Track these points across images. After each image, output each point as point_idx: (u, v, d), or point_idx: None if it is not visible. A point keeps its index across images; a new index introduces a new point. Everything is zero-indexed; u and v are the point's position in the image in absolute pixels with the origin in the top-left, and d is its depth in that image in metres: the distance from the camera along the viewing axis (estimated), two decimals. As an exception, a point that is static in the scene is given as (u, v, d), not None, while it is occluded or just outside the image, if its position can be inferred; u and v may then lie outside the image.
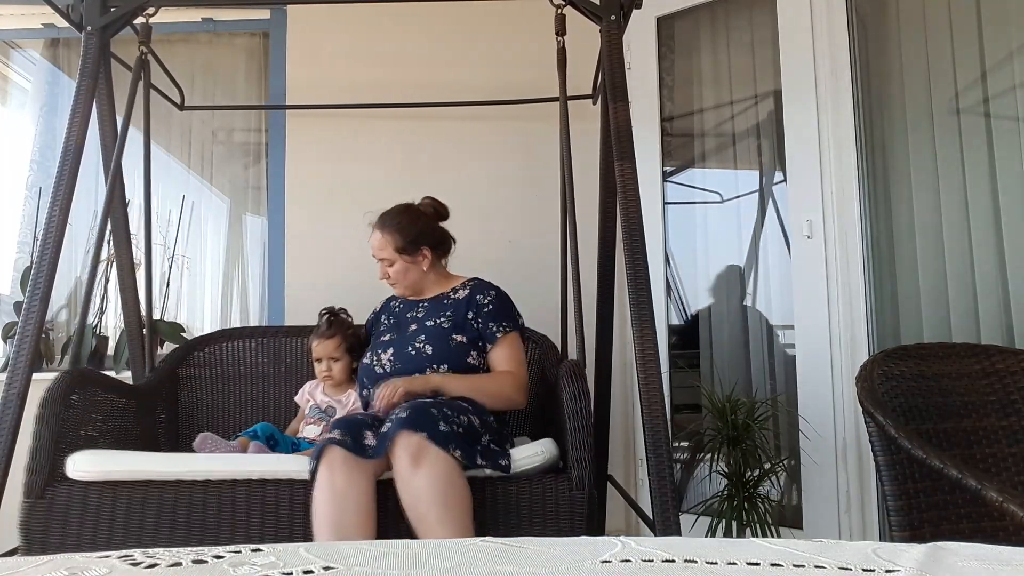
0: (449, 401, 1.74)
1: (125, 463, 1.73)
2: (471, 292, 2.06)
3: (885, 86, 2.45)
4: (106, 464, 1.72)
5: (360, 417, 1.69)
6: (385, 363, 1.98)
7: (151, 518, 1.66)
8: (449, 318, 2.01)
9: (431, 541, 0.67)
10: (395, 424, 1.54)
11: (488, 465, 1.67)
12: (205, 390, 2.48)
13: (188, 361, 2.50)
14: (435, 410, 1.61)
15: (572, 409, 1.71)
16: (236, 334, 2.58)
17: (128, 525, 1.66)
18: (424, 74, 3.01)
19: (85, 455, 1.73)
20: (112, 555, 0.60)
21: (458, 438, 1.60)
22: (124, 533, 1.65)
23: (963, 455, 1.56)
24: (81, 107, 1.94)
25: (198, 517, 1.65)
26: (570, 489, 1.71)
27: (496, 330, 1.98)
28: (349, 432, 1.59)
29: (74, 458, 1.71)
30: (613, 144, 1.86)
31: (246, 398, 2.48)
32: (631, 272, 1.73)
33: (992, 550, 0.65)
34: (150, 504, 1.67)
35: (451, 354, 1.94)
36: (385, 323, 2.15)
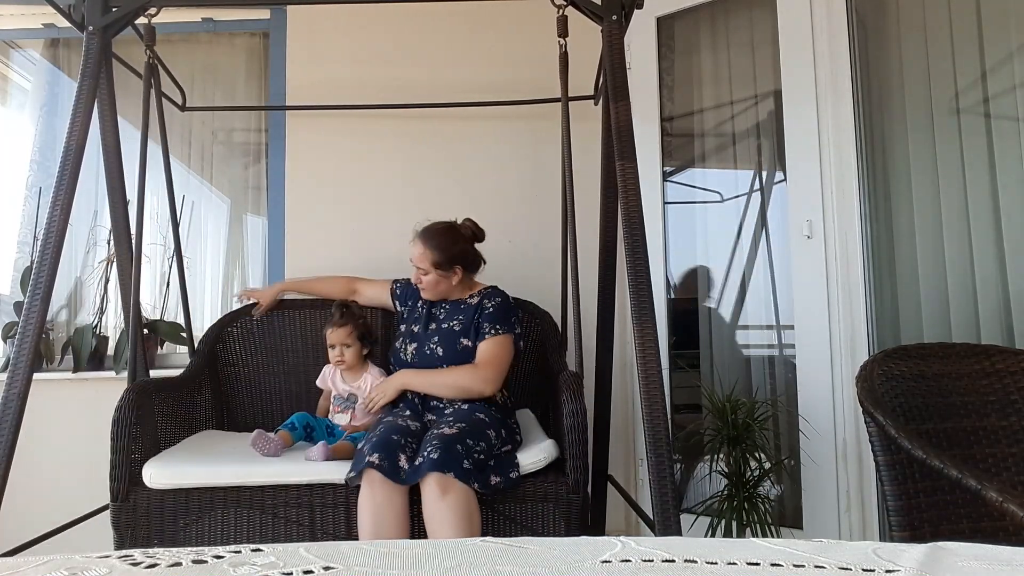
0: (472, 426, 1.95)
1: (191, 475, 1.95)
2: (481, 298, 2.28)
3: (885, 86, 2.45)
4: (175, 478, 1.94)
5: (394, 439, 1.90)
6: (409, 354, 2.27)
7: (218, 517, 1.93)
8: (460, 322, 2.24)
9: (431, 541, 0.67)
10: (428, 464, 1.80)
11: (502, 482, 1.90)
12: (240, 364, 2.67)
13: (222, 338, 2.66)
14: (460, 447, 1.84)
15: (571, 424, 1.91)
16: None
17: (200, 523, 1.94)
18: (425, 74, 3.01)
19: (157, 467, 1.95)
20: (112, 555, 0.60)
21: (478, 471, 1.85)
22: (197, 530, 1.93)
23: (963, 455, 1.56)
24: (82, 107, 1.94)
25: (256, 516, 1.94)
26: (568, 492, 1.93)
27: (488, 330, 2.19)
28: (386, 457, 1.84)
29: (148, 470, 1.93)
30: (614, 144, 1.86)
31: (279, 368, 2.67)
32: (631, 272, 1.73)
33: (992, 550, 0.65)
34: (216, 505, 1.94)
35: (457, 357, 2.19)
36: (420, 309, 2.36)
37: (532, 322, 2.61)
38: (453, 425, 1.94)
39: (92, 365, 2.91)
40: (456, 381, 2.15)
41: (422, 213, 2.74)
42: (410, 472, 1.84)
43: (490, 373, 2.14)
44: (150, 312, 3.04)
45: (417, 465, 1.83)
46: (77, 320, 3.11)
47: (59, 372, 2.91)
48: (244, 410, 2.63)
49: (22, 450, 1.74)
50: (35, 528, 2.00)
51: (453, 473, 1.78)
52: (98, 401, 2.82)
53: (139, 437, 1.99)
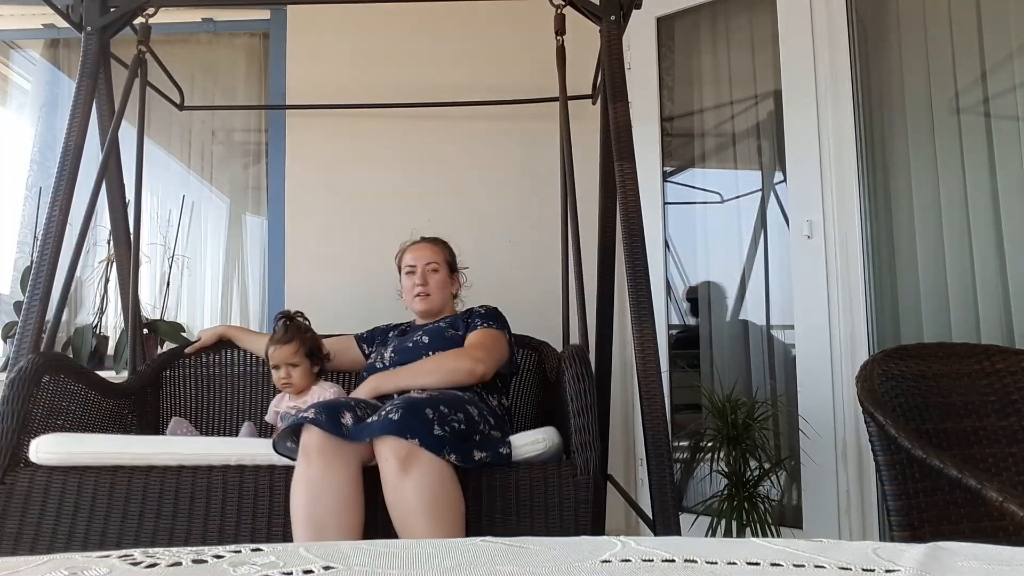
0: (448, 397, 1.62)
1: (94, 446, 1.64)
2: (469, 309, 2.17)
3: (885, 86, 2.45)
4: (73, 446, 1.62)
5: (340, 402, 1.57)
6: (387, 358, 2.03)
7: (117, 506, 1.56)
8: (449, 324, 2.10)
9: (431, 541, 0.67)
10: (384, 424, 1.43)
11: (488, 456, 1.57)
12: (188, 396, 2.39)
13: (174, 365, 2.42)
14: (430, 410, 1.49)
15: (574, 391, 1.60)
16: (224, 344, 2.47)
17: (92, 513, 1.56)
18: (424, 74, 3.01)
19: (50, 437, 1.63)
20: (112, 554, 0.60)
21: (454, 440, 1.49)
22: (87, 522, 1.56)
23: (963, 455, 1.57)
24: (81, 107, 1.95)
25: (168, 505, 1.56)
26: (574, 475, 1.59)
27: (480, 323, 2.03)
28: (325, 411, 1.47)
29: (38, 441, 1.61)
30: (613, 144, 1.86)
31: (230, 404, 2.40)
32: (631, 272, 1.73)
33: (992, 550, 0.65)
34: (117, 491, 1.57)
35: (446, 343, 1.98)
36: (392, 336, 2.21)
37: (530, 355, 2.44)
38: (423, 393, 1.63)
39: (92, 365, 2.91)
40: (442, 364, 1.84)
41: (422, 212, 2.75)
42: (355, 427, 1.47)
43: (481, 353, 1.87)
44: (150, 312, 3.04)
45: (370, 423, 1.45)
46: (77, 320, 3.11)
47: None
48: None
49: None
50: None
51: (418, 440, 1.41)
52: (98, 401, 2.82)
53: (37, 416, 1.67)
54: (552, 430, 1.75)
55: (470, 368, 1.81)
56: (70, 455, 1.61)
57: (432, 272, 2.15)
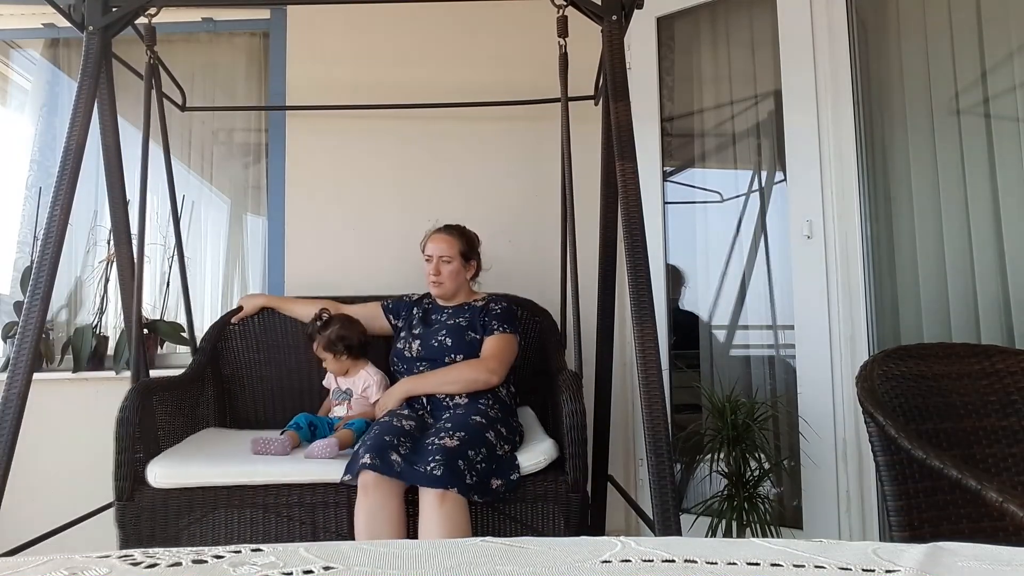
0: (471, 434, 1.94)
1: (194, 475, 1.96)
2: (487, 302, 2.39)
3: (885, 86, 2.45)
4: (178, 477, 1.95)
5: (387, 440, 1.91)
6: (414, 350, 2.32)
7: (221, 516, 1.94)
8: (467, 319, 2.33)
9: (431, 541, 0.67)
10: (431, 478, 1.82)
11: (503, 485, 1.91)
12: (242, 362, 2.66)
13: (224, 335, 2.65)
14: (462, 462, 1.85)
15: (570, 424, 1.92)
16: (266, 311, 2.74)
17: (203, 521, 1.94)
18: (424, 74, 3.01)
19: (161, 466, 1.96)
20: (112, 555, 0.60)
21: (479, 483, 1.87)
22: (200, 528, 1.94)
23: (963, 455, 1.56)
24: (82, 107, 1.94)
25: (259, 515, 1.94)
26: (567, 491, 1.94)
27: (496, 327, 2.28)
28: (378, 456, 1.85)
29: (152, 469, 1.95)
30: (614, 144, 1.86)
31: (280, 366, 2.66)
32: (631, 272, 1.73)
33: (992, 550, 0.65)
34: (219, 504, 1.94)
35: (466, 347, 2.26)
36: (416, 315, 2.44)
37: (532, 320, 2.61)
38: (453, 435, 1.94)
39: (92, 365, 2.91)
40: (462, 375, 2.20)
41: (422, 213, 2.75)
42: (405, 470, 1.85)
43: (495, 364, 2.21)
44: (150, 312, 3.04)
45: (420, 472, 1.84)
46: (77, 320, 3.11)
47: (59, 372, 2.91)
48: (247, 408, 2.63)
49: (22, 450, 1.73)
50: (34, 528, 2.00)
51: (455, 489, 1.82)
52: (98, 401, 2.82)
53: (142, 436, 1.99)
54: (551, 445, 2.03)
55: (486, 379, 2.19)
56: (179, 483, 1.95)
57: (445, 263, 2.35)
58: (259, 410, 2.62)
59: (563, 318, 2.57)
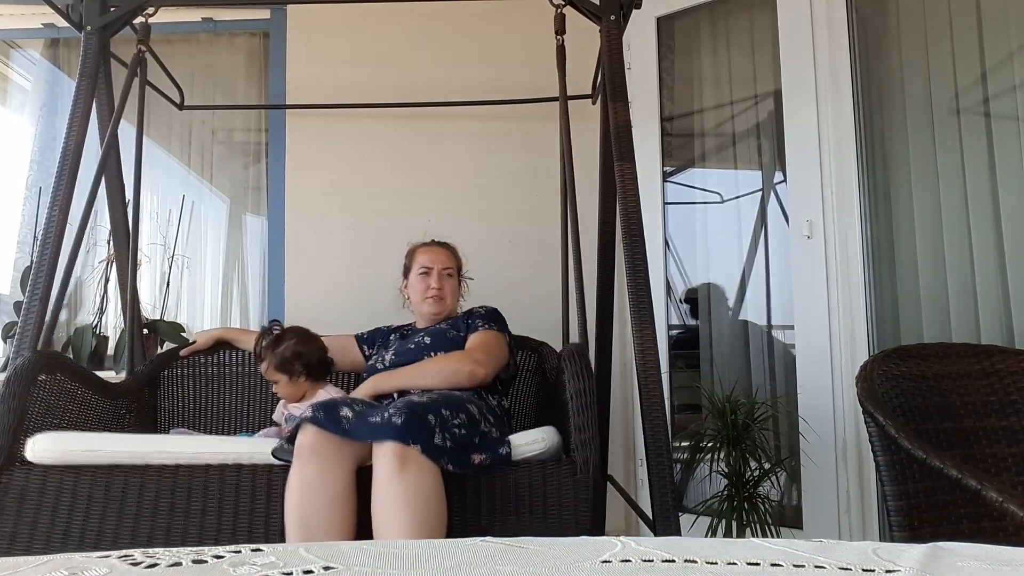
0: (449, 399, 1.61)
1: (91, 444, 1.63)
2: (470, 309, 2.19)
3: (885, 86, 2.45)
4: (70, 444, 1.61)
5: (338, 400, 1.58)
6: (387, 360, 2.05)
7: (114, 505, 1.55)
8: (451, 326, 2.11)
9: (431, 541, 0.67)
10: (387, 427, 1.42)
11: (487, 458, 1.57)
12: (187, 397, 2.37)
13: (172, 365, 2.40)
14: (432, 416, 1.48)
15: (574, 389, 1.59)
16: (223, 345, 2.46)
17: (89, 512, 1.55)
18: (424, 74, 3.01)
19: (48, 435, 1.63)
20: (112, 555, 0.60)
21: (453, 448, 1.49)
22: (83, 520, 1.55)
23: (963, 455, 1.56)
24: (81, 107, 1.94)
25: (165, 504, 1.55)
26: (574, 474, 1.58)
27: (481, 325, 2.06)
28: (323, 408, 1.48)
29: (35, 439, 1.61)
30: (613, 144, 1.86)
31: (229, 405, 2.39)
32: (631, 272, 1.73)
33: (992, 550, 0.65)
34: (113, 490, 1.56)
35: (448, 343, 2.00)
36: (393, 340, 2.21)
37: (529, 356, 2.43)
38: (423, 395, 1.61)
39: (92, 365, 2.91)
40: (443, 367, 1.85)
41: (422, 212, 2.75)
42: (356, 424, 1.46)
43: (481, 356, 1.89)
44: (150, 312, 3.04)
45: (372, 423, 1.44)
46: (77, 320, 3.11)
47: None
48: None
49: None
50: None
51: (420, 447, 1.42)
52: (98, 401, 2.82)
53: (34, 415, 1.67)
54: (551, 429, 1.75)
55: (471, 370, 1.83)
56: (67, 453, 1.60)
57: (447, 277, 2.17)
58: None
59: (564, 318, 2.57)
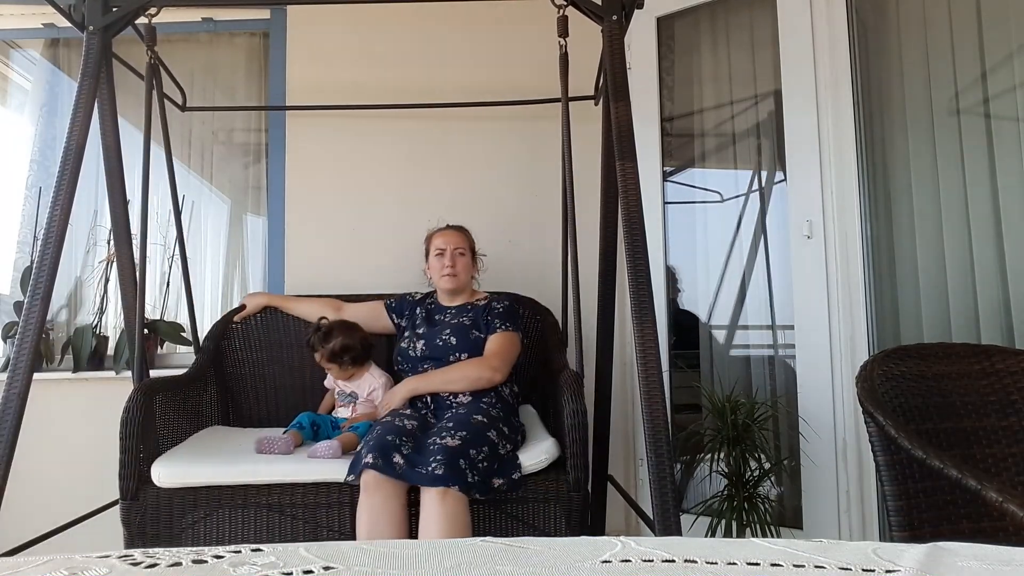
0: (473, 434, 1.94)
1: (198, 475, 1.96)
2: (489, 300, 2.43)
3: (885, 86, 2.45)
4: (183, 477, 1.96)
5: (389, 440, 1.92)
6: (418, 350, 2.34)
7: (225, 515, 1.95)
8: (470, 318, 2.36)
9: (431, 541, 0.67)
10: (433, 477, 1.83)
11: (504, 484, 1.92)
12: (244, 361, 2.67)
13: (227, 334, 2.67)
14: (463, 460, 1.86)
15: (571, 424, 1.93)
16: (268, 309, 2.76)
17: (207, 520, 1.95)
18: (425, 74, 3.01)
19: (165, 466, 1.96)
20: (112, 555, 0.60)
21: (481, 481, 1.88)
22: (204, 527, 1.95)
23: (963, 455, 1.56)
24: (82, 107, 1.94)
25: (263, 514, 1.95)
26: (568, 491, 1.94)
27: (499, 326, 2.31)
28: (381, 456, 1.87)
29: (156, 469, 1.95)
30: (614, 144, 1.86)
31: (282, 364, 2.68)
32: (631, 272, 1.73)
33: (992, 550, 0.65)
34: (223, 503, 1.95)
35: (470, 345, 2.28)
36: (420, 315, 2.45)
37: (533, 319, 2.61)
38: (455, 434, 1.95)
39: (92, 365, 2.91)
40: (466, 373, 2.23)
41: (422, 213, 2.75)
42: (407, 471, 1.86)
43: (498, 362, 2.23)
44: (150, 312, 3.04)
45: (422, 473, 1.86)
46: (77, 320, 3.11)
47: (59, 372, 2.91)
48: (249, 406, 2.63)
49: (22, 450, 1.73)
50: (34, 528, 2.01)
51: (457, 487, 1.83)
52: (98, 401, 2.82)
53: (146, 436, 2.01)
54: (552, 444, 2.03)
55: (489, 377, 2.22)
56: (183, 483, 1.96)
57: (459, 255, 2.40)
58: (262, 409, 2.63)
59: (564, 318, 2.57)
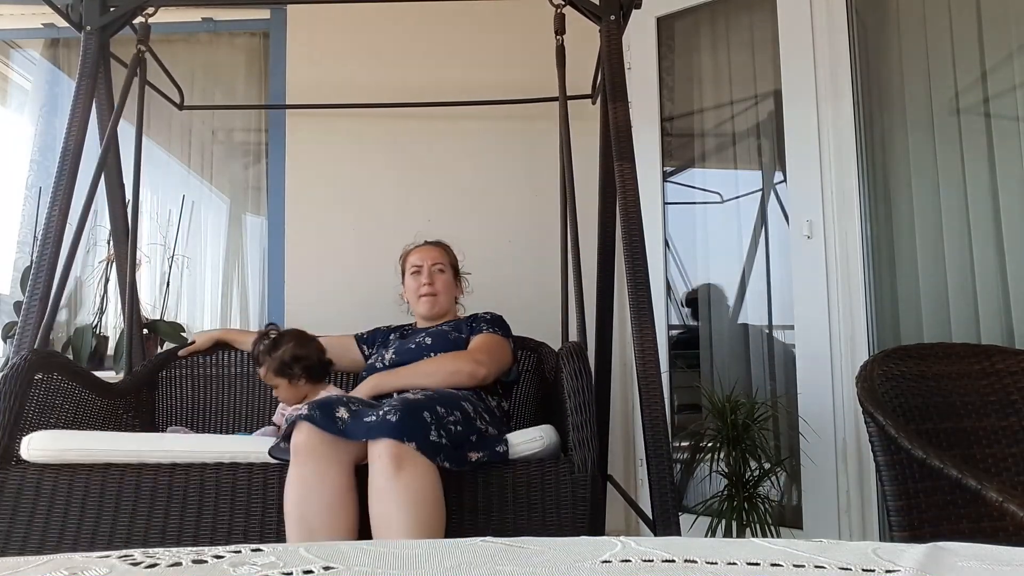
0: (444, 397, 1.60)
1: (86, 442, 1.61)
2: (473, 314, 2.17)
3: (885, 86, 2.45)
4: (65, 443, 1.60)
5: (334, 398, 1.55)
6: (387, 359, 2.02)
7: (109, 503, 1.54)
8: (452, 327, 2.09)
9: (431, 541, 0.67)
10: (382, 425, 1.40)
11: (485, 455, 1.55)
12: (185, 397, 2.36)
13: (171, 366, 2.39)
14: (427, 413, 1.47)
15: (572, 388, 1.58)
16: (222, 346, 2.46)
17: (84, 511, 1.53)
18: (424, 74, 3.01)
19: (43, 434, 1.61)
20: (112, 555, 0.60)
21: (449, 445, 1.48)
22: (79, 519, 1.53)
23: (963, 455, 1.56)
24: (80, 107, 1.95)
25: (161, 503, 1.54)
26: (572, 472, 1.57)
27: (485, 328, 2.04)
28: (318, 408, 1.46)
29: (30, 437, 1.59)
30: (612, 144, 1.86)
31: (227, 406, 2.38)
32: (631, 272, 1.73)
33: (992, 550, 0.65)
34: (109, 488, 1.54)
35: (448, 344, 1.98)
36: (392, 340, 2.18)
37: (529, 356, 2.42)
38: (419, 393, 1.59)
39: (92, 365, 2.91)
40: (442, 366, 1.82)
41: (421, 212, 2.75)
42: (352, 425, 1.43)
43: (482, 356, 1.86)
44: (150, 312, 3.04)
45: (367, 422, 1.42)
46: (77, 320, 3.11)
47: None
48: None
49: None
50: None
51: (415, 444, 1.39)
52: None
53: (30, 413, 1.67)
54: (550, 428, 1.74)
55: (471, 370, 1.80)
56: (62, 452, 1.58)
57: (439, 272, 2.16)
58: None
59: (564, 318, 2.57)
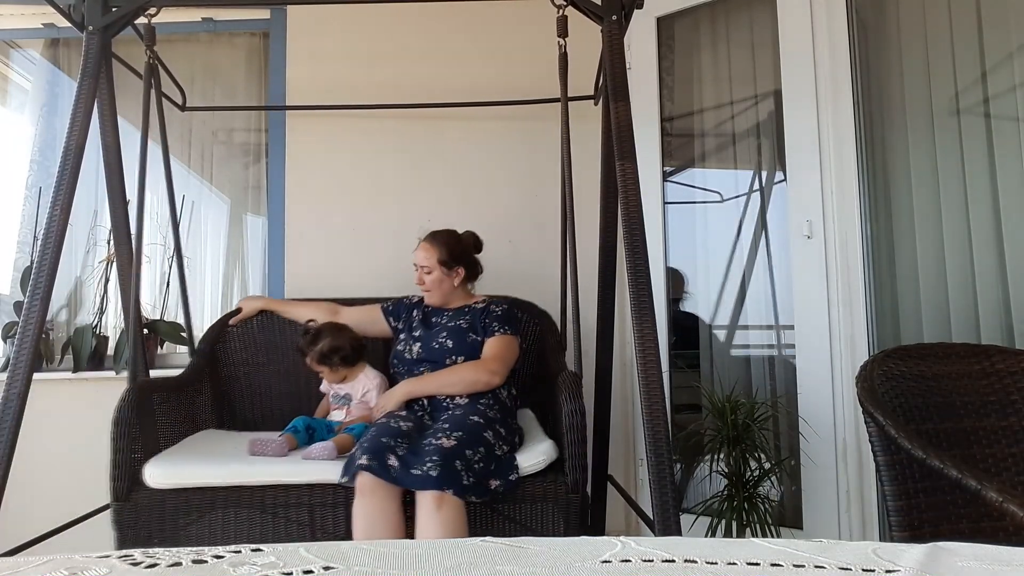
0: (468, 434, 1.93)
1: (191, 475, 1.95)
2: (487, 304, 2.39)
3: (885, 86, 2.45)
4: (175, 477, 1.95)
5: (383, 442, 1.90)
6: (415, 352, 2.32)
7: (218, 516, 1.93)
8: (467, 321, 2.33)
9: (431, 541, 0.67)
10: (427, 480, 1.81)
11: (501, 485, 1.90)
12: (240, 364, 2.66)
13: (223, 337, 2.65)
14: (459, 461, 1.84)
15: (569, 424, 1.92)
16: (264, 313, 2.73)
17: (200, 522, 1.94)
18: (424, 74, 3.01)
19: (157, 466, 1.95)
20: (112, 555, 0.60)
21: (477, 483, 1.86)
22: (197, 529, 1.93)
23: (963, 455, 1.56)
24: (82, 107, 1.94)
25: (256, 515, 1.94)
26: (567, 492, 1.92)
27: (496, 329, 2.28)
28: (375, 458, 1.86)
29: (149, 470, 1.94)
30: (614, 144, 1.86)
31: (278, 368, 2.65)
32: (631, 272, 1.73)
33: (992, 550, 0.65)
34: (216, 504, 1.94)
35: (467, 348, 2.26)
36: (416, 317, 2.44)
37: (532, 323, 2.61)
38: (450, 435, 1.93)
39: (92, 365, 2.91)
40: (463, 376, 2.21)
41: (422, 213, 2.75)
42: (401, 474, 1.84)
43: (496, 366, 2.21)
44: (150, 312, 3.04)
45: (415, 475, 1.84)
46: (77, 320, 3.11)
47: (59, 372, 2.91)
48: (244, 409, 2.62)
49: (22, 450, 1.73)
50: (34, 528, 2.00)
51: (452, 491, 1.81)
52: (98, 401, 2.81)
53: (140, 436, 1.99)
54: (550, 445, 2.02)
55: (487, 380, 2.19)
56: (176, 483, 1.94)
57: (425, 274, 2.37)
58: (257, 412, 2.62)
59: (563, 318, 2.57)
